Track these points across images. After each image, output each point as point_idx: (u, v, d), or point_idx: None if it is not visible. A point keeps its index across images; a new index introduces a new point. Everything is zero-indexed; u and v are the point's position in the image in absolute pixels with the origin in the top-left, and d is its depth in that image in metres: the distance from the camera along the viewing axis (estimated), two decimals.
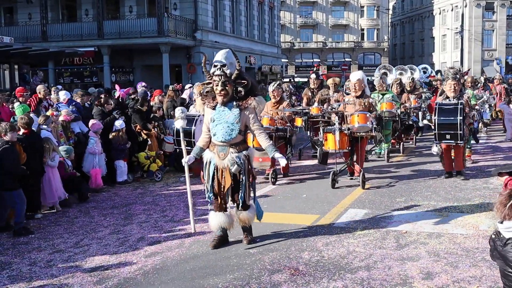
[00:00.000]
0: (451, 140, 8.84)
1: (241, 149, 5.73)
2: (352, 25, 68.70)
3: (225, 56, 5.59)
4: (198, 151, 5.92)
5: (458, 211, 7.18)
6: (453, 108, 8.79)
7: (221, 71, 5.51)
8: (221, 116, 5.65)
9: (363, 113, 8.64)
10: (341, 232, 6.37)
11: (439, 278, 4.84)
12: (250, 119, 5.72)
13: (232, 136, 5.64)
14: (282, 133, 9.54)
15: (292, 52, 67.07)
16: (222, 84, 5.52)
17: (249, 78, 5.76)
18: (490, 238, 3.41)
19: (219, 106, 5.67)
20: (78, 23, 29.49)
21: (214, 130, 5.69)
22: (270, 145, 5.78)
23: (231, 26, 34.98)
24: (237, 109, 5.64)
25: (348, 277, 4.92)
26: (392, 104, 11.29)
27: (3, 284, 5.04)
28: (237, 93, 5.66)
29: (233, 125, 5.62)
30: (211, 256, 5.63)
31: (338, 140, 8.53)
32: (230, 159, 5.67)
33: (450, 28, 63.01)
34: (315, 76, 12.94)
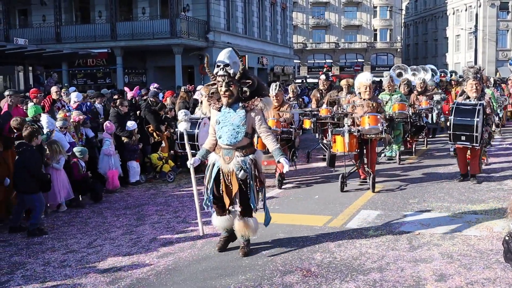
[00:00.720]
0: (466, 142, 8.53)
1: (248, 153, 5.48)
2: (365, 26, 68.44)
3: (228, 55, 5.37)
4: (204, 153, 5.73)
5: (472, 213, 7.12)
6: (471, 108, 8.47)
7: (224, 71, 5.31)
8: (227, 118, 5.43)
9: (374, 115, 8.50)
10: (354, 233, 6.35)
11: (453, 280, 4.80)
12: (257, 120, 5.47)
13: (238, 139, 5.40)
14: (287, 135, 9.38)
15: (304, 53, 66.99)
16: (226, 85, 5.31)
17: (255, 77, 5.52)
18: (504, 240, 3.38)
19: (224, 107, 5.46)
20: (92, 25, 29.73)
21: (219, 133, 5.48)
22: (277, 148, 5.49)
23: (243, 27, 35.03)
24: (243, 110, 5.40)
25: (360, 278, 4.90)
26: (404, 105, 11.09)
27: (17, 284, 5.09)
28: (242, 93, 5.41)
29: (239, 127, 5.38)
30: (223, 257, 5.63)
31: (347, 142, 8.36)
32: (236, 163, 5.43)
33: (464, 28, 62.51)
34: (325, 77, 12.65)
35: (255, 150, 5.66)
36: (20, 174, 6.95)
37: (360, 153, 8.85)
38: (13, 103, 9.38)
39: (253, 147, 5.66)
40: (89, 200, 8.65)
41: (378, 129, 8.48)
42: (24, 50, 21.27)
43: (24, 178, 6.91)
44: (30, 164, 6.91)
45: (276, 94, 9.41)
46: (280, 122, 9.29)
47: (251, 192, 5.48)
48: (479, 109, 8.41)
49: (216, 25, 30.59)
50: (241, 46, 33.87)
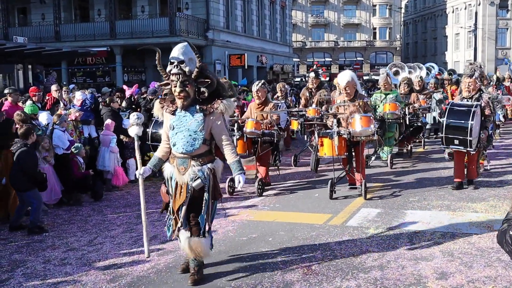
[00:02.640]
0: (460, 146, 7.93)
1: (205, 162, 4.81)
2: (364, 24, 68.45)
3: (183, 51, 4.69)
4: (156, 162, 5.03)
5: (473, 211, 7.12)
6: (466, 110, 7.84)
7: (178, 69, 4.65)
8: (182, 123, 4.77)
9: (366, 116, 7.82)
10: (354, 231, 6.35)
11: (454, 278, 4.80)
12: (217, 126, 4.80)
13: (195, 147, 4.74)
14: (269, 138, 8.67)
15: (303, 51, 66.99)
16: (181, 85, 4.65)
17: (214, 76, 4.88)
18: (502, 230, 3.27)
19: (179, 111, 4.79)
20: (91, 23, 29.70)
21: (174, 140, 4.81)
22: (236, 162, 4.82)
23: (242, 25, 34.99)
24: (200, 114, 4.74)
25: (361, 276, 4.90)
26: (396, 105, 10.41)
27: (18, 281, 5.08)
28: (200, 94, 4.76)
29: (196, 133, 4.72)
30: (224, 255, 5.63)
31: (337, 145, 7.68)
32: (192, 173, 4.76)
33: (463, 26, 62.55)
34: (314, 75, 11.67)
35: (214, 158, 4.93)
36: (15, 172, 6.94)
37: (349, 156, 8.16)
38: (13, 101, 9.38)
39: (212, 155, 4.92)
40: (90, 198, 8.64)
41: (371, 131, 7.81)
42: (24, 48, 21.25)
43: (19, 176, 6.89)
44: (25, 162, 6.88)
45: (257, 90, 8.84)
46: (260, 124, 8.61)
47: (205, 207, 4.81)
48: (475, 111, 7.80)
49: (216, 23, 30.55)
50: (241, 44, 33.89)
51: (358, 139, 7.91)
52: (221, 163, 4.95)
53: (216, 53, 30.79)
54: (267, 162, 8.93)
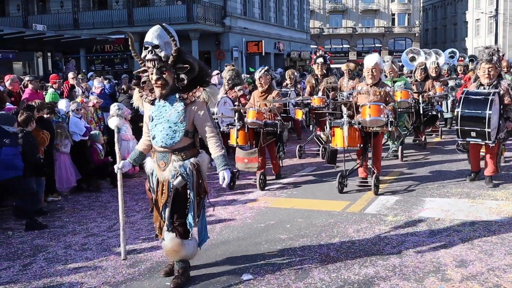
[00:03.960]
0: (477, 139, 7.32)
1: (188, 156, 4.42)
2: (383, 10, 67.63)
3: (157, 34, 4.27)
4: (137, 156, 4.71)
5: (493, 198, 7.04)
6: (483, 98, 7.17)
7: (153, 54, 4.26)
8: (161, 114, 4.39)
9: (376, 104, 7.26)
10: (372, 218, 6.33)
11: (473, 266, 4.76)
12: (199, 116, 4.38)
13: (176, 140, 4.34)
14: (272, 129, 8.20)
15: (321, 38, 66.47)
16: (158, 72, 4.27)
17: (195, 60, 4.41)
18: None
19: (158, 100, 4.42)
20: (109, 11, 29.86)
21: (153, 132, 4.43)
22: (221, 156, 4.41)
23: (260, 12, 34.85)
24: (181, 103, 4.34)
25: (379, 263, 4.89)
26: (408, 93, 9.85)
27: (40, 266, 5.17)
28: (179, 82, 4.37)
29: (177, 125, 4.33)
30: (242, 242, 5.65)
31: (346, 136, 7.26)
32: (173, 169, 4.40)
33: (484, 12, 61.38)
34: (322, 61, 10.75)
35: (198, 151, 4.53)
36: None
37: (364, 148, 7.63)
38: (33, 88, 9.49)
39: (195, 148, 4.52)
40: (109, 185, 8.73)
41: (382, 121, 7.25)
42: (43, 36, 21.44)
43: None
44: (25, 149, 6.82)
45: (260, 77, 8.43)
46: (262, 114, 8.13)
47: (191, 206, 4.45)
48: (493, 99, 7.10)
49: (233, 10, 30.46)
50: (258, 31, 33.78)
51: (371, 130, 7.43)
52: (206, 157, 4.54)
53: (234, 40, 30.74)
54: (274, 153, 8.54)
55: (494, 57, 7.36)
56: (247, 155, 7.94)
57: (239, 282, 4.60)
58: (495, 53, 7.38)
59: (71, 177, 8.25)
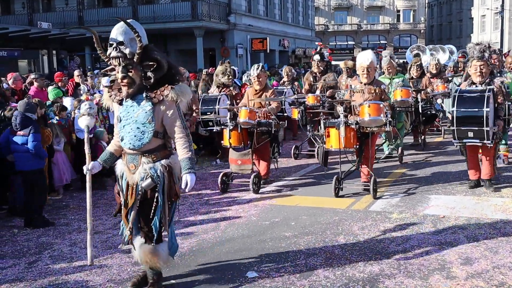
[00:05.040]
0: (475, 140, 6.91)
1: (158, 158, 4.21)
2: (388, 6, 67.39)
3: (122, 30, 4.09)
4: (107, 157, 4.47)
5: (498, 196, 7.02)
6: (479, 96, 6.82)
7: (118, 51, 4.07)
8: (129, 114, 4.19)
9: (376, 103, 7.01)
10: (377, 216, 6.32)
11: (479, 263, 4.75)
12: (168, 116, 4.14)
13: (144, 141, 4.14)
14: (266, 128, 7.83)
15: (326, 35, 66.31)
16: (123, 70, 4.08)
17: (163, 58, 4.20)
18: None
19: (125, 100, 4.22)
20: (114, 8, 29.92)
21: (121, 133, 4.24)
22: (187, 158, 4.13)
23: (264, 9, 34.81)
24: (148, 103, 4.12)
25: (384, 261, 4.88)
26: (408, 91, 9.40)
27: (45, 263, 5.19)
28: (146, 80, 4.15)
29: (145, 125, 4.12)
30: (247, 239, 5.66)
31: (343, 137, 6.96)
32: (142, 172, 4.19)
33: (489, 8, 61.08)
34: (320, 58, 10.29)
35: (170, 153, 4.31)
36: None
37: (360, 149, 7.36)
38: (39, 86, 9.52)
39: (166, 150, 4.30)
40: (114, 182, 8.73)
41: (381, 120, 6.99)
42: (48, 34, 21.50)
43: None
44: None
45: (258, 75, 8.07)
46: (255, 113, 7.75)
47: (158, 209, 4.21)
48: (489, 96, 6.78)
49: (237, 7, 30.43)
50: (263, 28, 33.75)
51: (369, 130, 7.16)
52: (177, 158, 4.25)
53: (238, 37, 30.72)
54: (267, 155, 8.07)
55: (486, 54, 7.07)
56: (241, 157, 7.61)
57: (244, 279, 4.61)
58: (486, 50, 7.08)
59: (67, 174, 8.25)
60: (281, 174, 8.94)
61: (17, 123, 6.64)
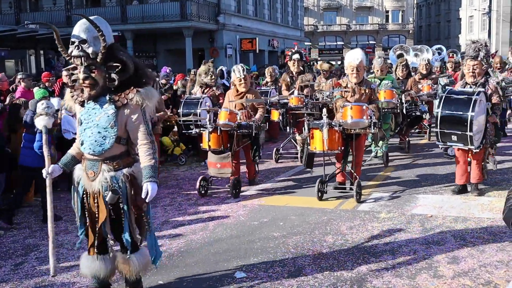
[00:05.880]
0: (458, 143, 6.66)
1: (120, 166, 3.95)
2: (377, 7, 67.73)
3: (85, 27, 3.79)
4: (69, 160, 4.14)
5: (485, 195, 7.06)
6: (466, 99, 6.49)
7: (80, 50, 3.78)
8: (90, 117, 3.93)
9: (358, 105, 6.77)
10: (365, 216, 6.34)
11: (465, 262, 4.78)
12: (132, 121, 3.89)
13: (105, 147, 3.88)
14: (246, 131, 7.60)
15: (315, 35, 66.48)
16: (85, 70, 3.80)
17: (129, 58, 3.94)
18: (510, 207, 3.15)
19: (87, 102, 3.96)
20: (102, 8, 29.75)
21: (82, 137, 3.97)
22: (149, 167, 3.87)
23: (254, 9, 34.82)
24: (111, 106, 3.86)
25: (372, 260, 4.90)
26: (392, 92, 9.10)
27: (32, 265, 5.15)
28: (110, 82, 3.87)
29: (106, 130, 3.86)
30: (235, 240, 5.65)
31: (326, 139, 6.76)
32: (103, 181, 3.92)
33: (477, 9, 61.57)
34: (299, 57, 10.05)
35: (133, 161, 4.04)
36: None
37: (345, 152, 7.15)
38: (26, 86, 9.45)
39: (130, 157, 4.04)
40: None
41: (364, 123, 6.78)
42: (35, 34, 21.35)
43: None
44: None
45: (244, 77, 7.88)
46: (235, 115, 7.51)
47: (125, 222, 4.00)
48: (476, 99, 6.42)
49: (227, 7, 30.41)
50: (252, 28, 33.75)
51: (353, 132, 6.98)
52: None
53: (228, 37, 30.70)
54: (249, 158, 7.96)
55: (481, 53, 6.71)
56: (220, 160, 7.40)
57: (232, 279, 4.60)
58: (482, 49, 6.72)
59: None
60: (263, 177, 8.91)
61: (27, 121, 6.91)
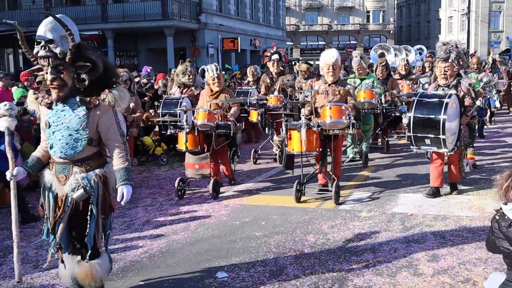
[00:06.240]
0: (432, 146, 6.59)
1: (92, 167, 3.85)
2: (358, 7, 68.17)
3: (51, 27, 3.65)
4: (34, 162, 3.95)
5: (464, 194, 7.15)
6: (438, 101, 6.42)
7: (47, 50, 3.63)
8: (60, 119, 3.78)
9: (337, 105, 6.71)
10: (347, 215, 6.37)
11: (445, 260, 4.83)
12: (104, 122, 3.80)
13: (77, 150, 3.77)
14: (224, 131, 7.49)
15: (297, 35, 66.69)
16: (53, 71, 3.66)
17: (99, 58, 3.81)
18: (494, 219, 3.39)
19: (55, 104, 3.80)
20: (82, 6, 29.49)
21: (51, 141, 3.82)
22: (123, 169, 3.80)
23: (235, 8, 34.82)
24: (82, 107, 3.75)
25: (353, 259, 4.93)
26: (372, 92, 9.02)
27: (10, 267, 5.04)
28: (80, 82, 3.74)
29: (78, 132, 3.75)
30: (217, 240, 5.64)
31: (304, 140, 6.66)
32: (74, 182, 3.79)
33: (456, 9, 62.35)
34: (278, 58, 9.96)
35: (105, 162, 3.95)
36: None
37: (323, 153, 7.06)
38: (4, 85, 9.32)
39: (101, 158, 3.94)
40: None
41: (343, 123, 6.70)
42: (14, 32, 21.01)
43: None
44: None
45: (217, 76, 7.74)
46: (213, 115, 7.37)
47: (92, 224, 3.83)
48: (447, 102, 6.34)
49: (208, 6, 30.35)
50: (234, 28, 33.73)
51: (332, 133, 6.87)
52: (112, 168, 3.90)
53: (209, 36, 30.65)
54: (227, 159, 7.86)
55: (452, 55, 6.69)
56: (198, 161, 7.29)
57: (214, 280, 4.59)
58: (453, 50, 6.70)
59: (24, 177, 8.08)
60: (245, 177, 8.91)
61: None
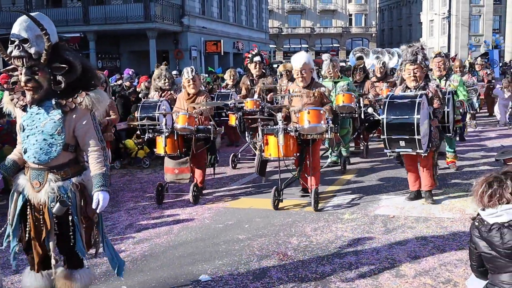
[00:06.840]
0: (407, 149, 6.45)
1: (69, 174, 3.65)
2: (340, 10, 68.66)
3: (26, 25, 3.47)
4: (10, 165, 3.75)
5: (445, 196, 7.23)
6: (409, 102, 6.35)
7: (21, 50, 3.46)
8: (34, 123, 3.59)
9: (316, 109, 6.60)
10: (330, 217, 6.40)
11: (426, 261, 4.88)
12: (81, 126, 3.61)
13: (52, 155, 3.56)
14: (204, 135, 7.36)
15: (280, 37, 66.95)
16: (27, 72, 3.47)
17: (77, 59, 3.60)
18: (472, 226, 3.40)
19: (30, 106, 3.61)
20: (63, 8, 29.24)
21: (24, 145, 3.62)
22: (99, 175, 3.62)
23: (218, 11, 34.81)
24: (58, 111, 3.55)
25: (336, 261, 4.95)
26: (351, 96, 8.87)
27: None
28: (56, 84, 3.55)
29: (53, 137, 3.55)
30: (200, 243, 5.62)
31: (281, 145, 6.53)
32: (50, 191, 3.59)
33: (437, 13, 63.14)
34: (260, 59, 9.83)
35: (82, 169, 3.76)
36: None
37: (301, 157, 6.97)
38: None
39: (78, 165, 3.74)
40: None
41: (322, 128, 6.59)
42: None
43: None
44: None
45: (192, 78, 7.51)
46: (193, 118, 7.27)
47: (77, 233, 3.67)
48: (420, 101, 6.28)
49: (191, 9, 30.31)
50: (217, 30, 33.72)
51: (309, 138, 6.75)
52: (90, 174, 3.72)
53: (192, 39, 30.59)
54: (203, 163, 7.63)
55: (419, 57, 6.60)
56: (178, 165, 7.18)
57: (197, 283, 4.57)
58: (419, 52, 6.62)
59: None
60: (228, 180, 8.90)
61: None
